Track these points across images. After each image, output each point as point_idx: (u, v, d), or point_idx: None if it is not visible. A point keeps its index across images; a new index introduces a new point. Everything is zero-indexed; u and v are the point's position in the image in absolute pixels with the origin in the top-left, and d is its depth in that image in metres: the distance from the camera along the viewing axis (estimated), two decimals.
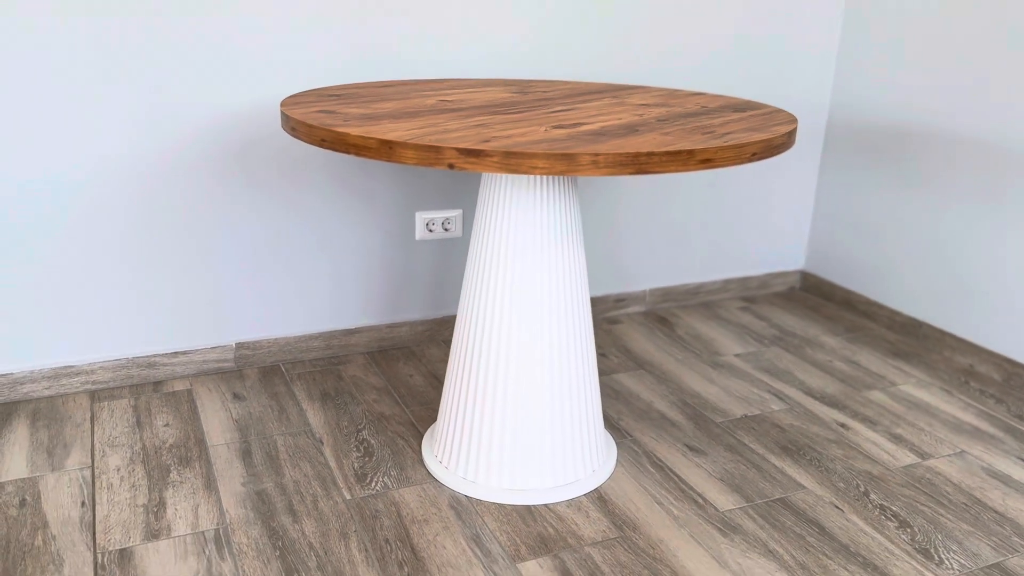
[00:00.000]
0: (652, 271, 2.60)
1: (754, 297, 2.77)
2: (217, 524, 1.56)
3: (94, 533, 1.53)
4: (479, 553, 1.51)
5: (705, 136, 1.34)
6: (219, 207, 2.02)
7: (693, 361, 2.28)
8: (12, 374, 1.95)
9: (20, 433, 1.84)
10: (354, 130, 1.28)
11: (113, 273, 1.97)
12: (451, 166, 1.21)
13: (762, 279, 2.77)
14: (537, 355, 1.61)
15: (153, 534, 1.53)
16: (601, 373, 2.19)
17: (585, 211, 2.42)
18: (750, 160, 1.31)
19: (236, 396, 2.03)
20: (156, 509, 1.60)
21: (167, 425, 1.89)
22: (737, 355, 2.33)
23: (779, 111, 1.60)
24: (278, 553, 1.49)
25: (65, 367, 1.99)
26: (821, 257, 2.77)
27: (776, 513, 1.65)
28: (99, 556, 1.47)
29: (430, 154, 1.21)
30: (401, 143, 1.23)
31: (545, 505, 1.65)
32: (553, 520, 1.60)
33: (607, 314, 2.56)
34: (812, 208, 2.78)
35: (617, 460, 1.81)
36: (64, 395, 2.00)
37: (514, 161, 1.20)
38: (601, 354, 2.31)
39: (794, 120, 1.50)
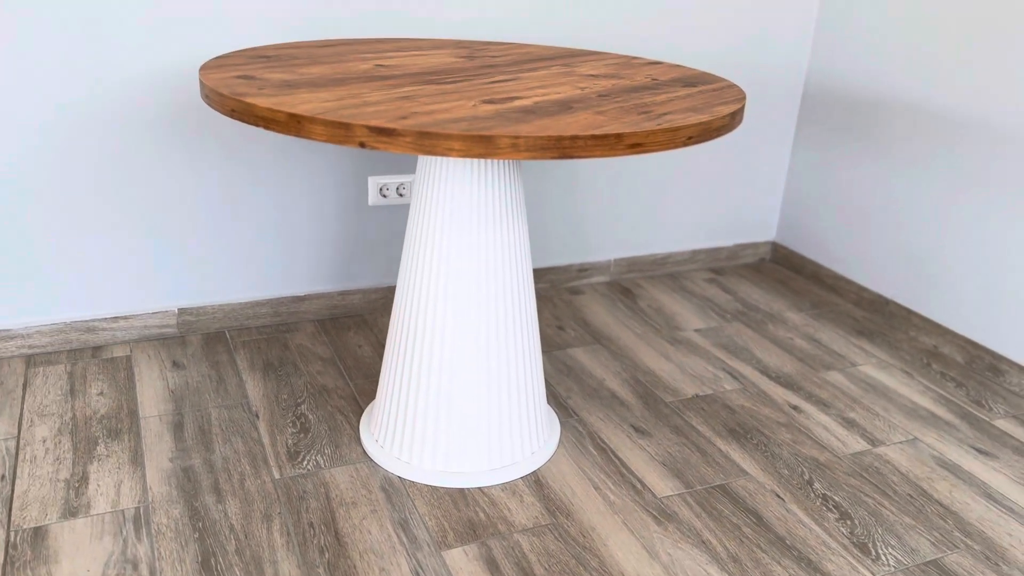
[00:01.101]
0: (617, 240, 2.53)
1: (723, 268, 2.71)
2: (139, 502, 1.52)
3: (11, 510, 1.48)
4: (404, 539, 1.47)
5: (641, 116, 1.26)
6: (165, 167, 1.95)
7: (652, 336, 2.23)
8: None
9: None
10: (264, 101, 1.21)
11: (51, 234, 1.91)
12: (362, 145, 1.14)
13: (731, 250, 2.71)
14: (471, 333, 1.55)
15: (71, 512, 1.49)
16: (556, 347, 2.14)
17: (547, 177, 2.35)
18: (685, 144, 1.24)
19: (176, 364, 1.98)
20: (78, 485, 1.56)
21: (101, 394, 1.84)
22: (697, 330, 2.28)
23: (731, 87, 1.52)
24: (197, 535, 1.45)
25: (0, 330, 1.94)
26: (792, 229, 2.70)
27: (715, 501, 1.61)
28: (12, 535, 1.43)
29: (339, 131, 1.14)
30: (310, 118, 1.15)
31: (479, 488, 1.61)
32: (485, 505, 1.56)
33: (569, 284, 2.50)
34: (785, 178, 2.71)
35: (560, 441, 1.77)
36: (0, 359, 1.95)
37: (428, 142, 1.12)
38: (558, 327, 2.25)
39: (741, 99, 1.42)
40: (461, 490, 1.60)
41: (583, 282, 2.52)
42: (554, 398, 1.92)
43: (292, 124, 1.17)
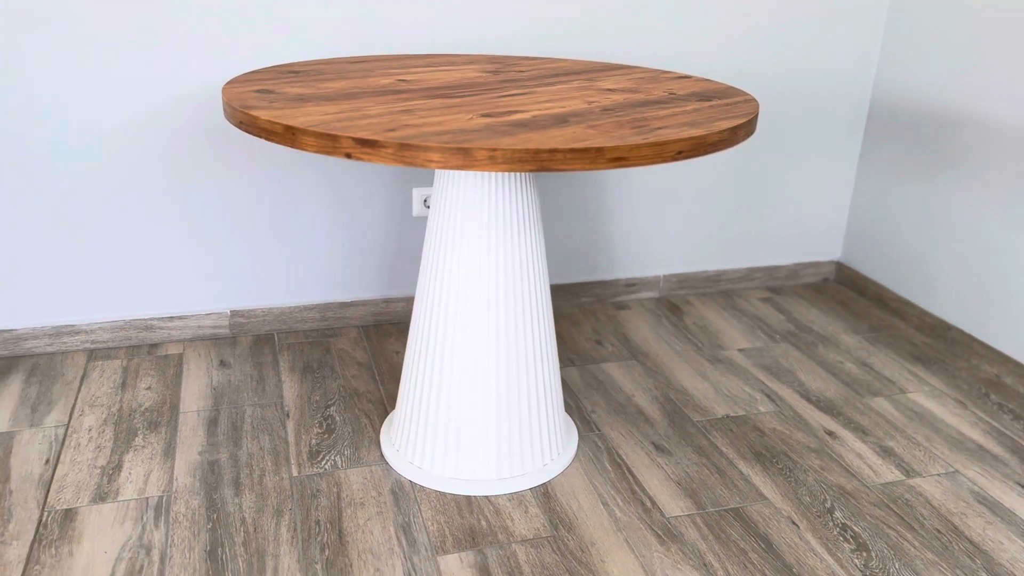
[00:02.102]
0: (668, 256, 2.50)
1: (781, 288, 2.63)
2: (163, 491, 1.61)
3: (48, 492, 1.60)
4: (404, 542, 1.50)
5: (632, 131, 1.26)
6: (222, 176, 2.05)
7: (691, 354, 2.20)
8: (15, 330, 2.05)
9: (13, 388, 1.93)
10: (266, 114, 1.27)
11: (116, 237, 2.04)
12: (348, 155, 1.18)
13: (791, 269, 2.63)
14: (481, 343, 1.57)
15: (101, 497, 1.59)
16: (590, 361, 2.14)
17: (594, 189, 2.35)
18: (675, 159, 1.23)
19: (223, 363, 2.07)
20: (112, 472, 1.66)
21: (148, 388, 1.96)
22: (741, 350, 2.23)
23: (748, 102, 1.49)
24: (210, 526, 1.53)
25: (66, 326, 2.08)
26: (858, 248, 2.61)
27: (725, 524, 1.58)
28: (45, 515, 1.54)
29: (328, 142, 1.19)
30: (302, 130, 1.20)
31: (486, 497, 1.62)
32: (489, 513, 1.58)
33: (615, 299, 2.49)
34: (851, 195, 2.62)
35: (576, 455, 1.76)
36: (64, 352, 2.09)
37: (408, 153, 1.16)
38: (596, 341, 2.25)
39: (751, 114, 1.39)
40: (468, 497, 1.62)
41: (630, 297, 2.51)
42: (578, 411, 1.92)
43: (288, 136, 1.22)
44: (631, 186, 2.37)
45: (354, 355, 2.13)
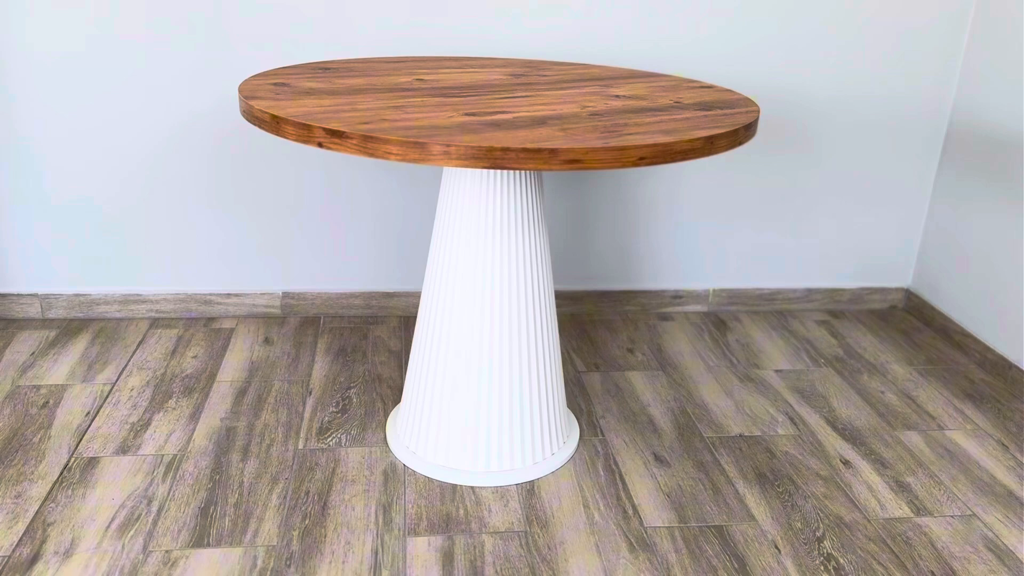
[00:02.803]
0: (719, 269, 2.46)
1: (842, 312, 2.53)
2: (179, 451, 1.74)
3: (80, 440, 1.76)
4: (380, 521, 1.56)
5: (603, 135, 1.27)
6: (281, 166, 2.19)
7: (723, 370, 2.16)
8: (90, 295, 2.25)
9: (78, 347, 2.13)
10: (261, 104, 1.36)
11: (183, 219, 2.21)
12: (320, 145, 1.26)
13: (855, 293, 2.53)
14: (475, 337, 1.61)
15: (124, 449, 1.73)
16: (615, 368, 2.13)
17: (643, 194, 2.34)
18: (636, 165, 1.23)
19: (266, 340, 2.21)
20: (139, 429, 1.80)
21: (195, 357, 2.11)
22: (778, 371, 2.17)
23: (745, 113, 1.47)
24: (210, 485, 1.64)
25: (134, 295, 2.27)
26: (928, 277, 2.48)
27: (704, 540, 1.55)
28: (72, 460, 1.69)
29: (303, 132, 1.27)
30: (285, 119, 1.29)
31: (472, 487, 1.66)
32: (470, 503, 1.62)
33: (660, 309, 2.47)
34: (924, 220, 2.49)
35: (572, 457, 1.77)
36: (130, 319, 2.28)
37: (371, 145, 1.22)
38: (629, 349, 2.24)
39: (735, 125, 1.37)
40: (454, 486, 1.67)
41: (676, 309, 2.48)
42: (588, 415, 1.92)
43: (273, 124, 1.31)
44: (683, 193, 2.35)
45: (388, 343, 2.22)
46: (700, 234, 2.40)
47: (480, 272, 1.58)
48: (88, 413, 1.85)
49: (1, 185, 2.12)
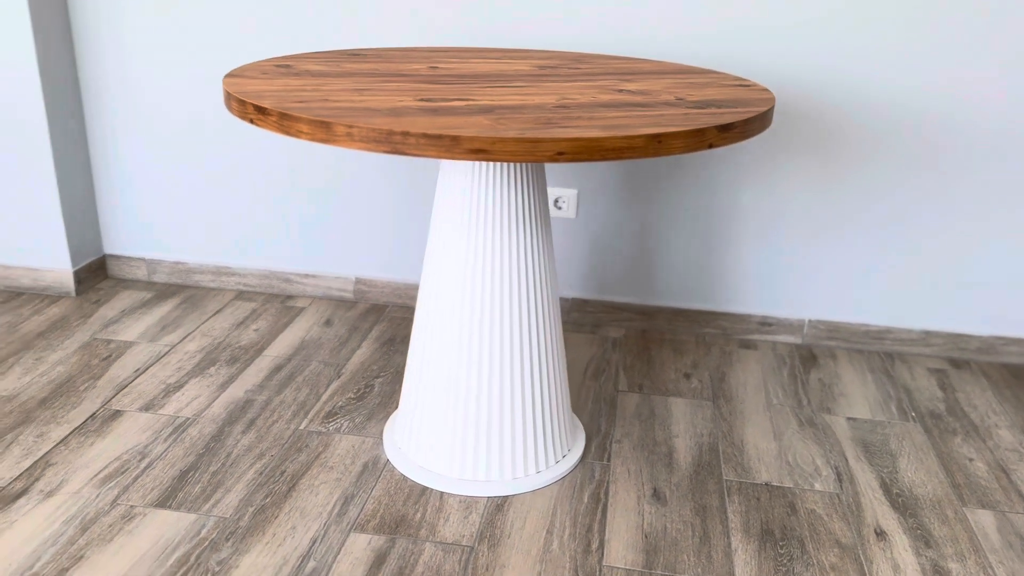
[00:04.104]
0: (819, 298, 2.19)
1: (967, 362, 2.17)
2: (193, 415, 1.82)
3: (116, 394, 1.89)
4: (335, 512, 1.54)
5: (536, 126, 1.16)
6: (360, 159, 2.23)
7: (785, 411, 1.92)
8: (187, 264, 2.42)
9: (164, 309, 2.29)
10: (231, 81, 1.38)
11: (273, 198, 2.31)
12: (252, 121, 1.25)
13: (987, 342, 2.15)
14: (461, 341, 1.54)
15: (147, 407, 1.84)
16: (660, 392, 1.96)
17: (731, 205, 2.13)
18: (553, 160, 1.11)
19: (327, 322, 2.26)
20: (171, 390, 1.91)
21: (256, 330, 2.20)
22: (851, 419, 1.89)
23: (735, 112, 1.28)
24: (201, 451, 1.70)
25: (225, 267, 2.41)
26: None
27: None
28: (100, 410, 1.82)
29: (239, 107, 1.27)
30: (230, 95, 1.30)
31: (442, 492, 1.59)
32: (431, 508, 1.55)
33: (744, 335, 2.24)
34: None
35: (563, 477, 1.65)
36: (219, 289, 2.43)
37: (286, 123, 1.19)
38: (686, 374, 2.05)
39: (703, 124, 1.20)
40: (424, 488, 1.61)
41: (762, 337, 2.24)
42: (603, 437, 1.78)
43: (227, 99, 1.32)
44: (778, 206, 2.11)
45: None
46: (796, 254, 2.15)
47: (466, 273, 1.51)
48: (137, 370, 1.99)
49: (125, 162, 2.33)
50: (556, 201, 2.18)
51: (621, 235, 2.20)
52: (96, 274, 2.43)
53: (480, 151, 1.11)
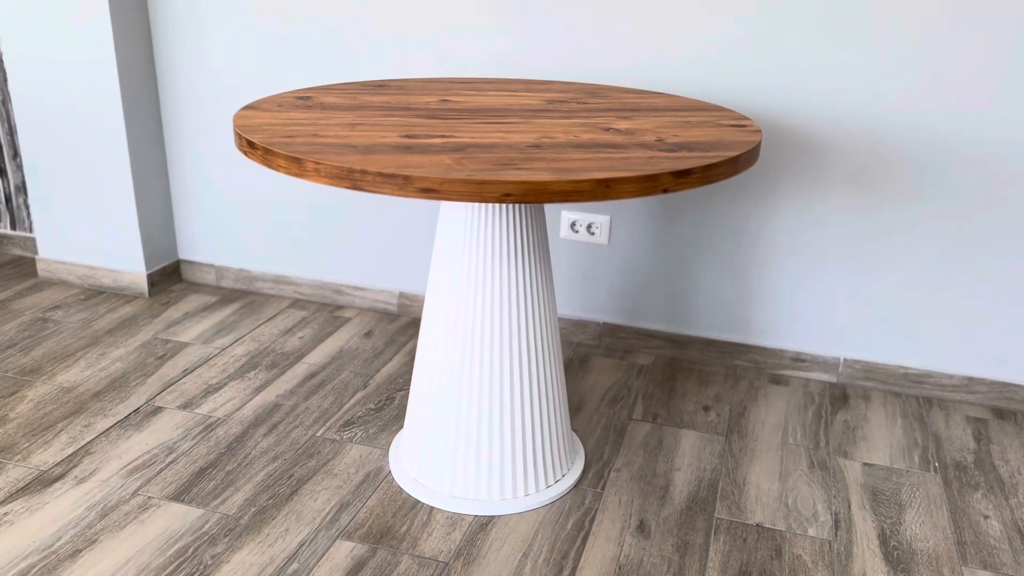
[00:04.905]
0: (858, 335, 2.13)
1: (1013, 413, 2.06)
2: (224, 416, 1.96)
3: (162, 391, 2.05)
4: (328, 518, 1.63)
5: (491, 167, 1.22)
6: None
7: (798, 451, 1.88)
8: (251, 271, 2.59)
9: (223, 313, 2.46)
10: (242, 113, 1.50)
11: (331, 210, 2.44)
12: (245, 153, 1.36)
13: None
14: (456, 363, 1.61)
15: (186, 405, 1.99)
16: (674, 424, 1.96)
17: (767, 236, 2.11)
18: (500, 200, 1.16)
19: (368, 334, 2.37)
20: (211, 390, 2.06)
21: (301, 338, 2.33)
22: (868, 465, 1.84)
23: (702, 157, 1.29)
24: (223, 451, 1.83)
25: (283, 276, 2.57)
26: None
27: None
28: (144, 406, 1.99)
29: (238, 140, 1.38)
30: (235, 127, 1.41)
31: (432, 507, 1.66)
32: (418, 522, 1.62)
33: (776, 371, 2.20)
34: None
35: (552, 502, 1.69)
36: (278, 296, 2.58)
37: (269, 158, 1.29)
38: (705, 407, 2.04)
39: (655, 170, 1.22)
40: (417, 501, 1.68)
41: (794, 373, 2.19)
42: (603, 465, 1.80)
43: (236, 136, 1.44)
44: (815, 239, 2.07)
45: None
46: (834, 290, 2.10)
47: (466, 301, 1.58)
48: (185, 370, 2.15)
49: (199, 173, 2.52)
50: (589, 227, 2.22)
51: (654, 262, 2.21)
52: (170, 277, 2.63)
53: (430, 191, 1.17)
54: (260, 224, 2.53)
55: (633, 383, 2.14)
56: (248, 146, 1.33)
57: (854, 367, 2.15)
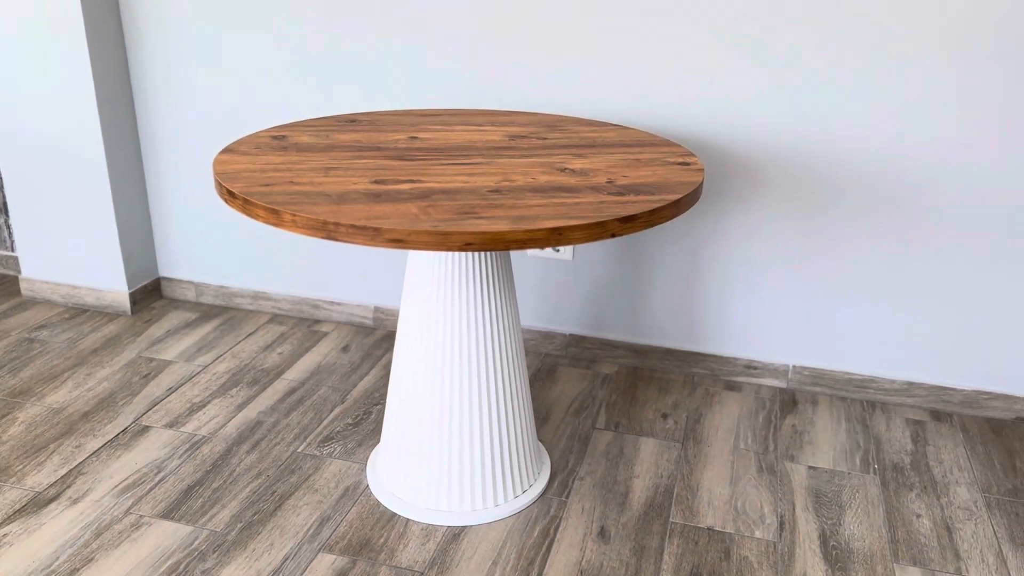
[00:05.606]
0: (805, 344, 2.27)
1: (950, 415, 2.21)
2: (209, 433, 2.06)
3: (148, 411, 2.15)
4: (310, 532, 1.74)
5: (454, 217, 1.33)
6: None
7: (748, 456, 2.02)
8: (230, 287, 2.69)
9: (204, 330, 2.56)
10: (221, 157, 1.60)
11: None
12: (226, 201, 1.46)
13: (970, 396, 2.19)
14: (426, 380, 1.73)
15: (171, 424, 2.09)
16: (634, 432, 2.10)
17: (720, 252, 2.24)
18: (462, 249, 1.28)
19: (345, 348, 2.48)
20: (195, 409, 2.16)
21: (280, 353, 2.44)
22: (813, 468, 1.98)
23: (646, 203, 1.41)
24: (208, 469, 1.93)
25: (261, 292, 2.66)
26: None
27: None
28: (131, 425, 2.09)
29: (219, 188, 1.48)
30: (216, 176, 1.51)
31: (408, 519, 1.78)
32: (395, 534, 1.74)
33: (730, 377, 2.34)
34: None
35: (521, 511, 1.81)
36: (256, 312, 2.68)
37: (249, 208, 1.40)
38: (664, 414, 2.18)
39: (585, 218, 1.34)
40: (394, 514, 1.80)
41: (747, 380, 2.33)
42: (569, 474, 1.93)
43: (217, 184, 1.54)
44: (765, 253, 2.21)
45: None
46: (782, 301, 2.24)
47: (435, 327, 1.69)
48: (170, 388, 2.25)
49: (177, 193, 2.61)
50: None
51: (616, 277, 2.33)
52: (151, 295, 2.72)
53: (399, 241, 1.29)
54: (238, 241, 2.62)
55: (597, 392, 2.27)
56: (229, 195, 1.44)
57: (803, 373, 2.29)
